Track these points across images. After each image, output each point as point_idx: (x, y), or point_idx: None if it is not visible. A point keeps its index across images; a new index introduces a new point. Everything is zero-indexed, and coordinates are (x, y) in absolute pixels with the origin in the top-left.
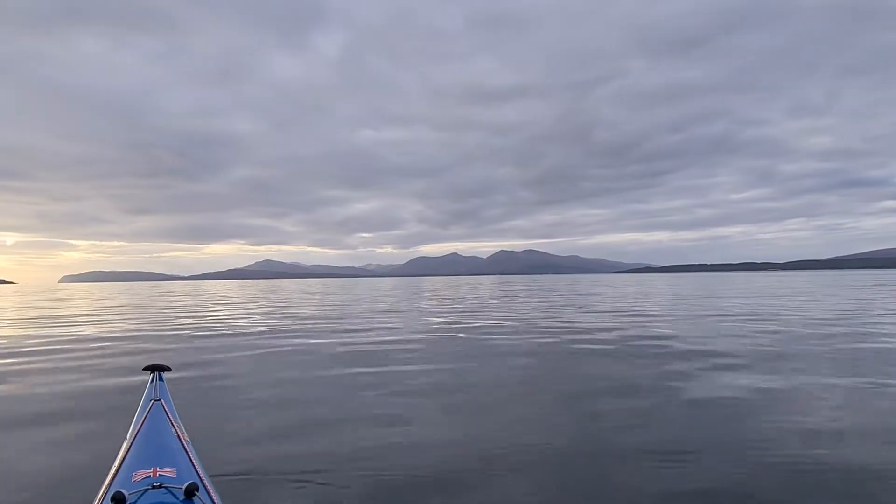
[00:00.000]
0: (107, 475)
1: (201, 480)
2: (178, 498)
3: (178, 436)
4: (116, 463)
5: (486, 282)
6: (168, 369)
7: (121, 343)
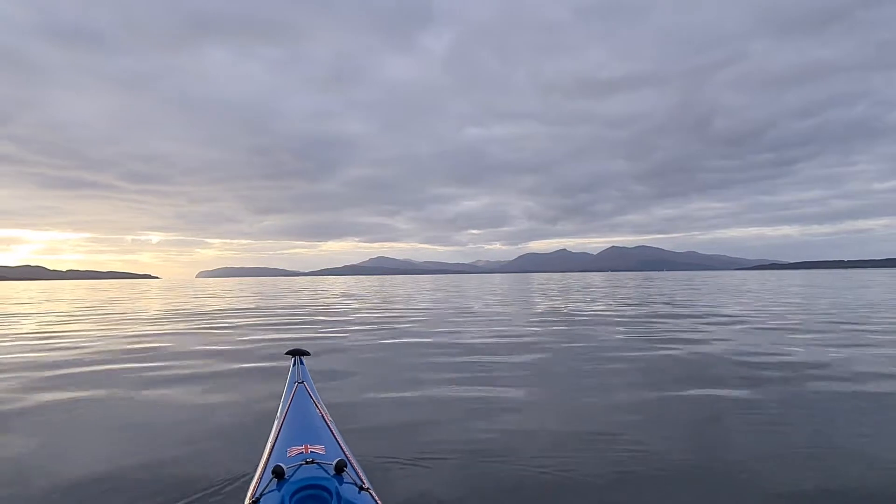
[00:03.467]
0: (263, 449)
1: (348, 458)
2: (329, 473)
3: (322, 416)
4: (271, 439)
5: (598, 278)
6: (308, 354)
7: (261, 330)
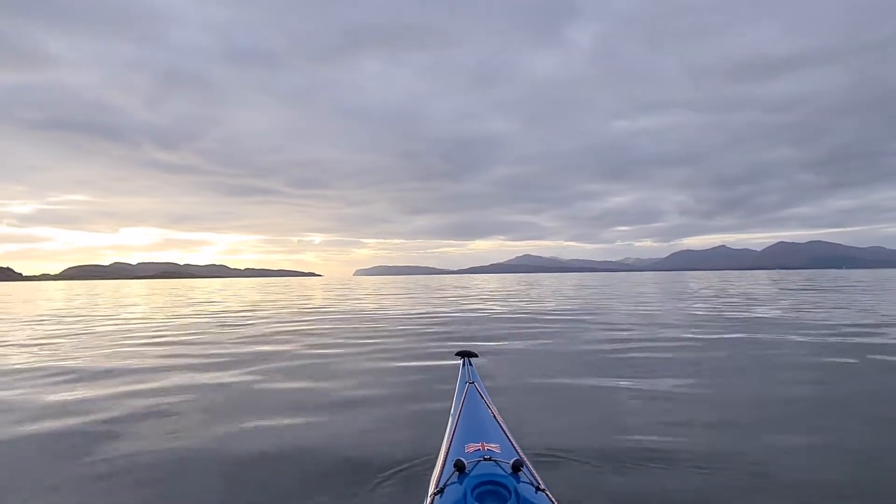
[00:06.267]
0: (441, 444)
1: (522, 458)
2: (506, 472)
3: (494, 416)
4: (448, 434)
5: (764, 277)
6: (476, 356)
7: (428, 328)
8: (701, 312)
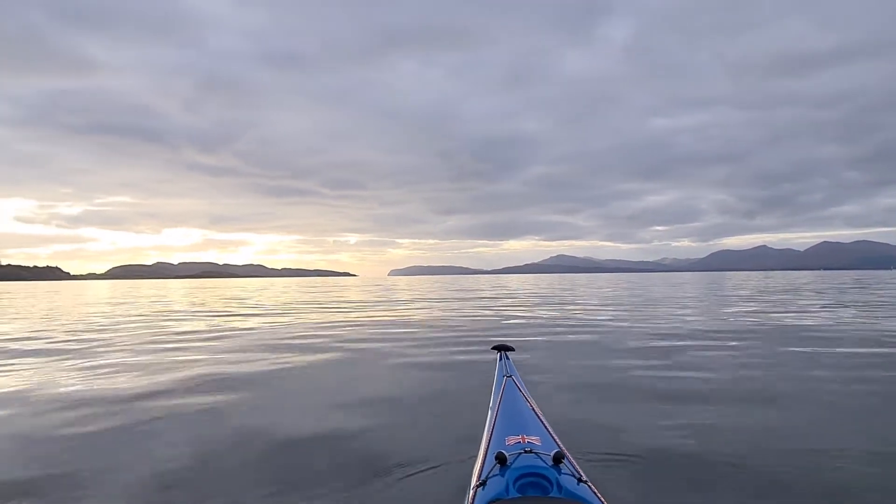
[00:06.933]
0: (481, 436)
1: (563, 451)
2: (547, 464)
3: (533, 408)
4: (488, 427)
5: (809, 278)
6: (512, 349)
7: (464, 324)
8: (749, 318)
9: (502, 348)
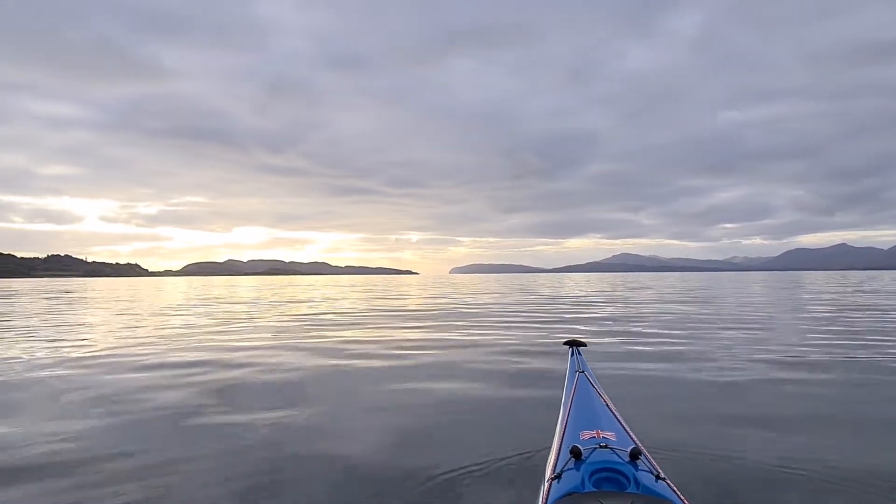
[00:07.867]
0: (554, 431)
1: (640, 447)
2: (623, 460)
3: (607, 404)
4: (561, 422)
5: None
6: (584, 345)
7: (532, 321)
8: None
9: (574, 343)
